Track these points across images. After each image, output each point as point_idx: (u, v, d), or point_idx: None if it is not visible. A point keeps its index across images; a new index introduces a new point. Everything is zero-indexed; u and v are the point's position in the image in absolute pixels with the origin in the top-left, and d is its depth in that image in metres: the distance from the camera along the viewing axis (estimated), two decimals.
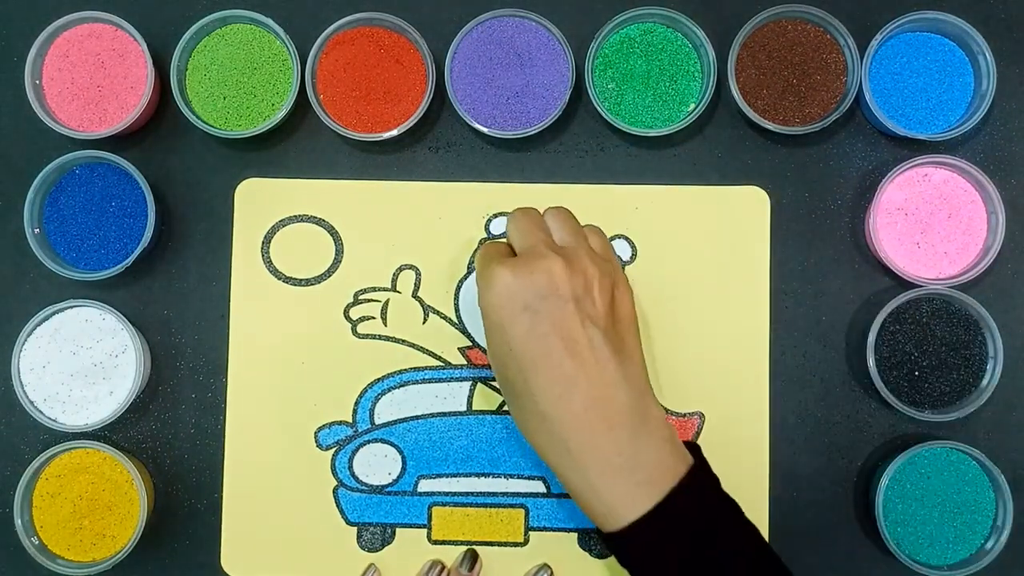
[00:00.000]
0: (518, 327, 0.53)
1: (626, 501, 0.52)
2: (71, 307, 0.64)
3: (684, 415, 0.65)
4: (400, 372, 0.65)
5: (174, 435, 0.65)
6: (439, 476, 0.65)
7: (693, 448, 0.56)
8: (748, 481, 0.64)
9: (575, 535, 0.64)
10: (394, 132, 0.64)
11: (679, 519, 0.52)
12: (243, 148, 0.66)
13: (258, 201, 0.66)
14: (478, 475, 0.64)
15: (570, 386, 0.53)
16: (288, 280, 0.66)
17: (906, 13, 0.63)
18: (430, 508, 0.65)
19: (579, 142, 0.66)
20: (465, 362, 0.65)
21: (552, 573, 0.63)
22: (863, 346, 0.63)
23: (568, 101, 0.64)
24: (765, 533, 0.64)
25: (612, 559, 0.63)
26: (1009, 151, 0.65)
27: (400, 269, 0.66)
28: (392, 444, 0.65)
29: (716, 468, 0.62)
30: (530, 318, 0.53)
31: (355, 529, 0.65)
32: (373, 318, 0.65)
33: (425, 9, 0.66)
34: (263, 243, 0.66)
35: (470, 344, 0.65)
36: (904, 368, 0.63)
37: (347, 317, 0.65)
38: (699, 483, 0.53)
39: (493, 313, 0.54)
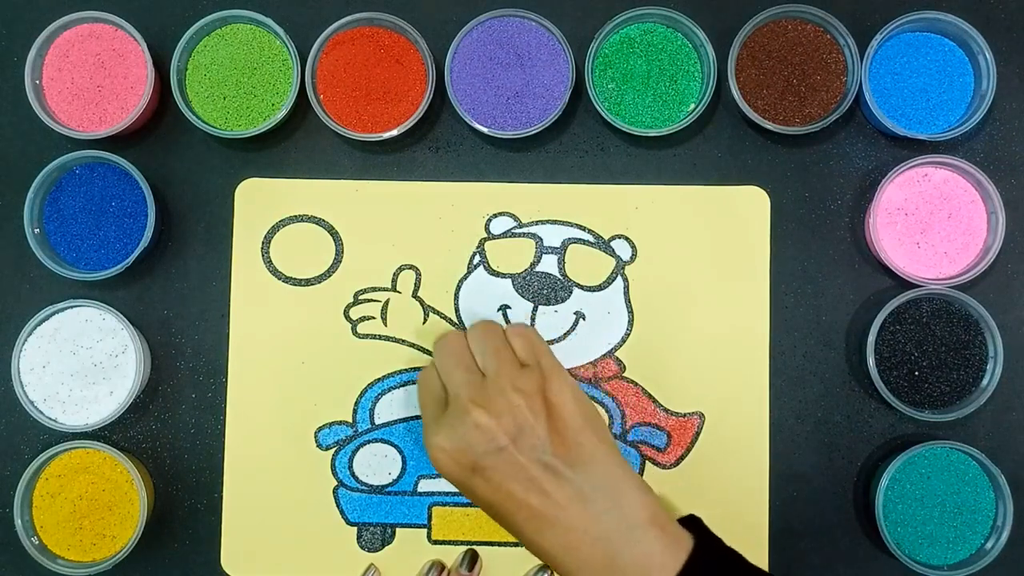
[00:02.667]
0: (476, 488, 0.55)
1: None
2: (71, 307, 0.64)
3: (684, 415, 0.65)
4: (400, 372, 0.65)
5: (174, 435, 0.65)
6: (439, 476, 0.64)
7: (692, 523, 0.55)
8: (748, 481, 0.64)
9: None
10: (394, 132, 0.64)
11: None
12: (243, 148, 0.66)
13: (258, 201, 0.66)
14: None
15: (544, 520, 0.54)
16: (288, 280, 0.66)
17: (906, 13, 0.63)
18: (430, 508, 0.65)
19: (579, 142, 0.66)
20: None
21: (552, 573, 0.63)
22: (863, 346, 0.63)
23: (568, 101, 0.64)
24: (765, 533, 0.64)
25: None
26: (1009, 151, 0.65)
27: (400, 269, 0.66)
28: (392, 444, 0.65)
29: (716, 468, 0.62)
30: (481, 476, 0.55)
31: (355, 529, 0.65)
32: (373, 318, 0.65)
33: (425, 9, 0.66)
34: (263, 243, 0.66)
35: None
36: (904, 368, 0.63)
37: (347, 317, 0.65)
38: (703, 566, 0.52)
39: (449, 478, 0.56)
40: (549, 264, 0.65)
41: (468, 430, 0.55)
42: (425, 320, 0.65)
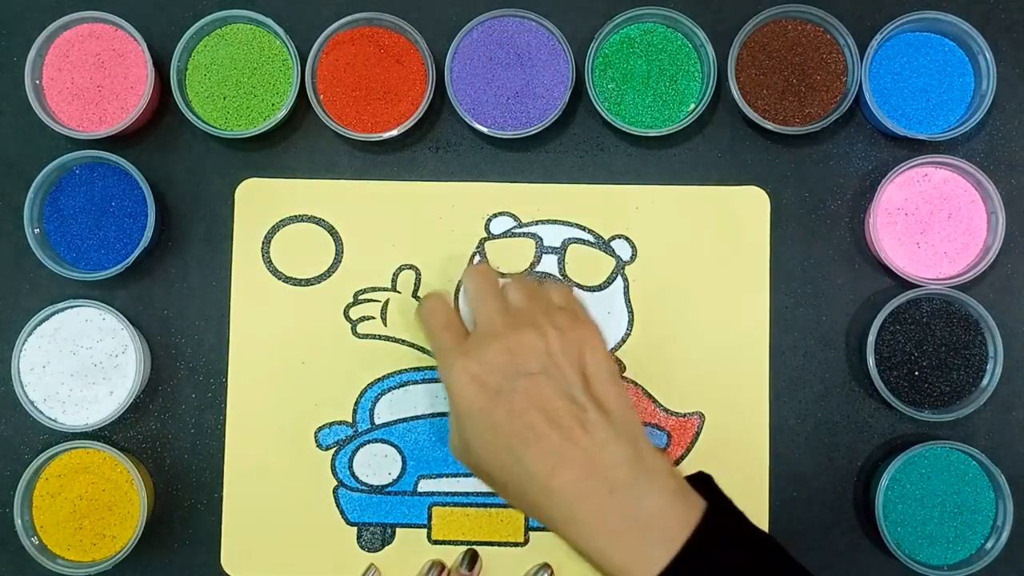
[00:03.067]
0: (498, 410, 0.53)
1: (641, 563, 0.49)
2: (71, 307, 0.64)
3: (684, 415, 0.65)
4: (400, 372, 0.65)
5: (174, 435, 0.65)
6: (439, 476, 0.65)
7: (706, 484, 0.54)
8: (748, 481, 0.64)
9: None
10: (394, 132, 0.64)
11: (699, 570, 0.50)
12: (243, 148, 0.66)
13: (258, 201, 0.66)
14: None
15: (563, 457, 0.51)
16: (288, 280, 0.66)
17: (906, 13, 0.64)
18: (430, 508, 0.65)
19: (579, 142, 0.66)
20: None
21: (552, 573, 0.63)
22: (863, 346, 0.63)
23: (568, 101, 0.64)
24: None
25: None
26: (1009, 151, 0.65)
27: (400, 269, 0.66)
28: (392, 444, 0.65)
29: (716, 468, 0.62)
30: (505, 401, 0.53)
31: (355, 529, 0.65)
32: (373, 318, 0.65)
33: (425, 9, 0.66)
34: (263, 243, 0.66)
35: None
36: (904, 368, 0.63)
37: (347, 317, 0.65)
38: (715, 527, 0.51)
39: (466, 405, 0.53)
40: (549, 264, 0.65)
41: (499, 353, 0.53)
42: None
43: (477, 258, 0.65)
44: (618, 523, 0.50)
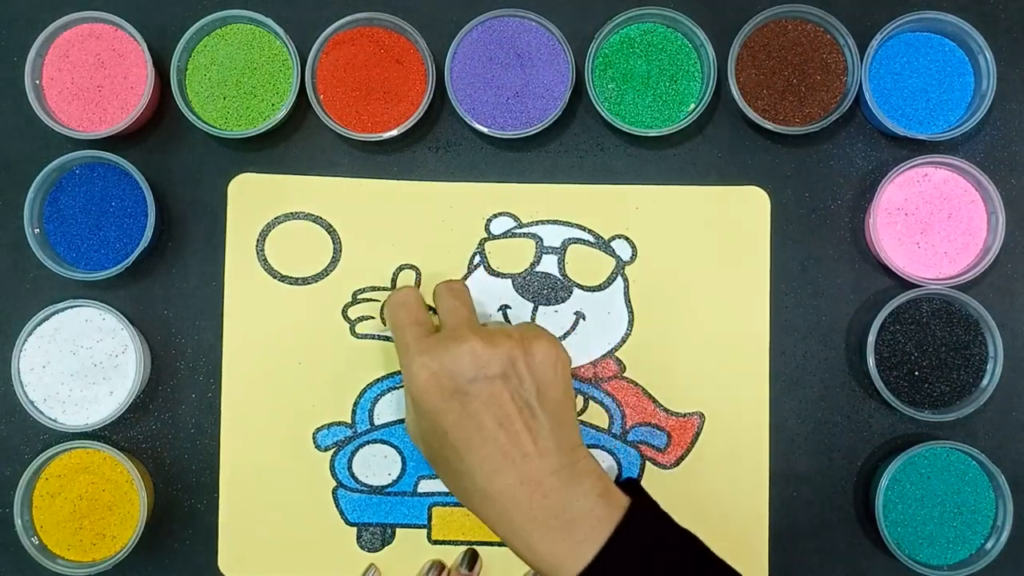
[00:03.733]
0: (451, 412, 0.55)
1: (568, 559, 0.53)
2: (71, 307, 0.64)
3: (684, 415, 0.65)
4: (399, 372, 0.65)
5: (174, 435, 0.65)
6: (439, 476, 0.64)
7: (632, 486, 0.57)
8: (748, 481, 0.64)
9: None
10: (394, 132, 0.64)
11: (620, 566, 0.53)
12: (243, 148, 0.66)
13: (252, 197, 0.66)
14: None
15: (504, 461, 0.54)
16: (284, 279, 0.66)
17: (906, 13, 0.63)
18: (430, 508, 0.65)
19: (579, 142, 0.66)
20: None
21: None
22: (863, 346, 0.63)
23: (568, 101, 0.64)
24: (765, 533, 0.64)
25: None
26: (1009, 151, 0.65)
27: (400, 269, 0.66)
28: (392, 444, 0.65)
29: (716, 468, 0.62)
30: (460, 401, 0.55)
31: (355, 529, 0.64)
32: (372, 318, 0.65)
33: (425, 9, 0.66)
34: (258, 240, 0.66)
35: None
36: (904, 368, 0.63)
37: (345, 317, 0.65)
38: (638, 524, 0.54)
39: (423, 400, 0.55)
40: (549, 264, 0.65)
41: (461, 354, 0.55)
42: None
43: (477, 259, 0.65)
44: (547, 522, 0.54)
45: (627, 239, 0.65)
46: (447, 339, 0.56)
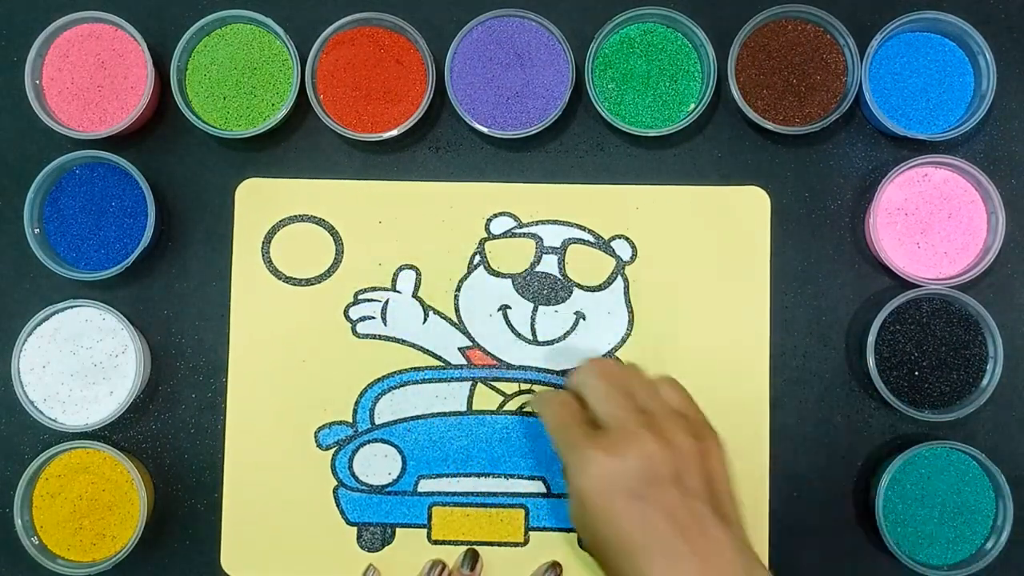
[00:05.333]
0: (625, 516, 0.52)
1: None
2: (71, 307, 0.64)
3: None
4: (400, 372, 0.65)
5: (174, 435, 0.65)
6: (439, 476, 0.65)
7: None
8: (748, 481, 0.64)
9: (575, 535, 0.64)
10: (394, 132, 0.64)
11: None
12: (243, 148, 0.66)
13: (258, 201, 0.66)
14: (478, 475, 0.64)
15: (683, 565, 0.51)
16: (288, 280, 0.66)
17: (906, 13, 0.64)
18: (430, 508, 0.65)
19: (579, 142, 0.66)
20: (465, 362, 0.65)
21: (561, 571, 0.63)
22: (863, 346, 0.63)
23: (568, 101, 0.64)
24: (765, 533, 0.64)
25: None
26: (1009, 151, 0.65)
27: (400, 269, 0.66)
28: (392, 444, 0.65)
29: None
30: (635, 504, 0.52)
31: (355, 529, 0.65)
32: (373, 318, 0.65)
33: (425, 9, 0.66)
34: (263, 243, 0.66)
35: (470, 344, 0.65)
36: (904, 368, 0.63)
37: (347, 317, 0.65)
38: None
39: (592, 499, 0.52)
40: (549, 264, 0.65)
41: (635, 454, 0.52)
42: (425, 320, 0.65)
43: (477, 259, 0.65)
44: None
45: (627, 239, 0.65)
46: (619, 438, 0.53)
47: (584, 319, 0.65)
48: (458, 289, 0.65)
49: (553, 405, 0.57)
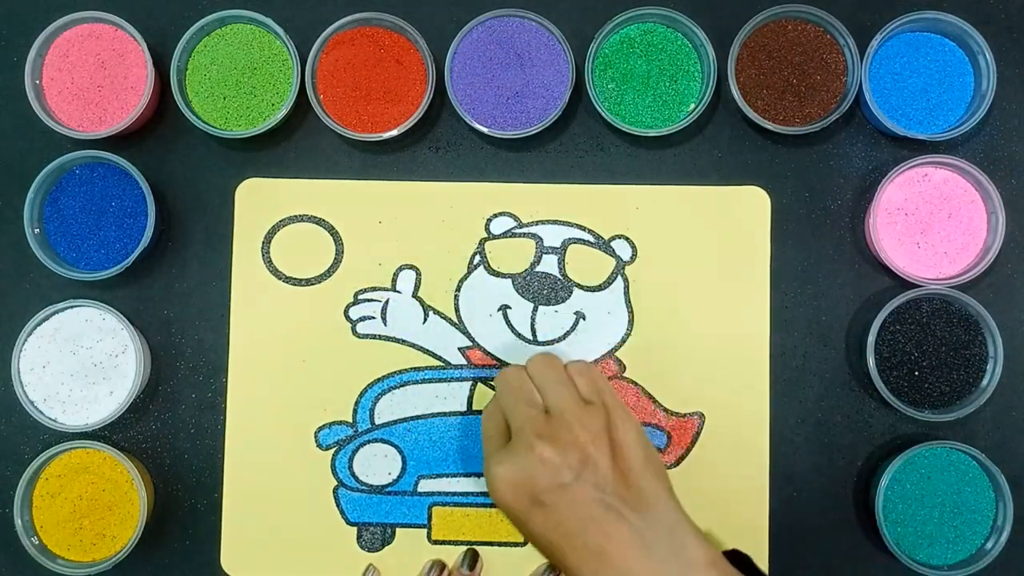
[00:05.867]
0: (533, 522, 0.53)
1: None
2: (71, 307, 0.64)
3: (684, 415, 0.65)
4: (400, 372, 0.65)
5: (174, 435, 0.65)
6: (439, 476, 0.65)
7: (745, 564, 0.54)
8: (748, 481, 0.64)
9: None
10: (394, 132, 0.64)
11: None
12: (243, 148, 0.66)
13: (258, 201, 0.66)
14: (478, 475, 0.64)
15: (601, 560, 0.51)
16: (288, 280, 0.66)
17: (906, 13, 0.64)
18: (430, 508, 0.65)
19: (579, 142, 0.66)
20: (465, 362, 0.65)
21: (559, 573, 0.63)
22: (863, 346, 0.63)
23: (568, 101, 0.64)
24: (765, 533, 0.64)
25: None
26: (1009, 151, 0.65)
27: (400, 269, 0.66)
28: (392, 444, 0.65)
29: (716, 468, 0.62)
30: (541, 511, 0.53)
31: (355, 529, 0.64)
32: (373, 318, 0.65)
33: (425, 9, 0.66)
34: (263, 243, 0.66)
35: (470, 344, 0.65)
36: (904, 368, 0.63)
37: (347, 317, 0.65)
38: None
39: (505, 510, 0.54)
40: (549, 264, 0.65)
41: (532, 463, 0.53)
42: (425, 320, 0.65)
43: (477, 259, 0.65)
44: None
45: (627, 239, 0.65)
46: (517, 447, 0.54)
47: (584, 319, 0.65)
48: (458, 289, 0.65)
49: (484, 416, 0.59)
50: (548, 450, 0.53)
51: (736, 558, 0.55)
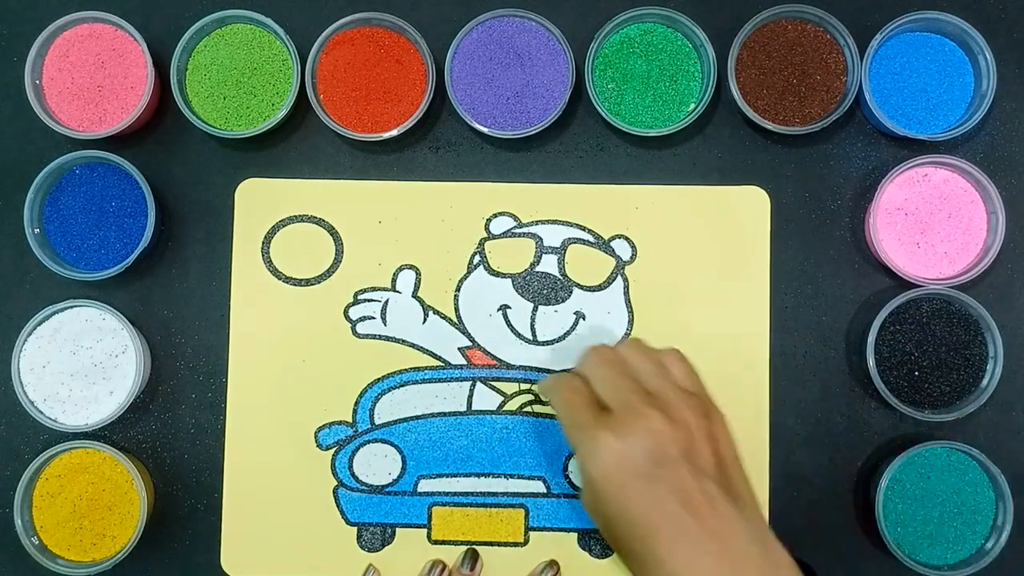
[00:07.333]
0: (636, 497, 0.52)
1: None
2: (71, 307, 0.64)
3: None
4: (400, 372, 0.65)
5: (174, 435, 0.65)
6: (439, 476, 0.65)
7: (810, 573, 0.54)
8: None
9: (575, 535, 0.64)
10: (394, 132, 0.64)
11: None
12: (243, 148, 0.66)
13: (258, 201, 0.66)
14: (478, 475, 0.64)
15: (698, 546, 0.50)
16: (288, 280, 0.66)
17: (906, 13, 0.64)
18: (430, 508, 0.65)
19: (579, 142, 0.66)
20: (465, 362, 0.65)
21: (559, 570, 0.63)
22: (863, 346, 0.63)
23: (568, 101, 0.64)
24: None
25: (612, 559, 0.63)
26: (1009, 151, 0.65)
27: (400, 269, 0.66)
28: (392, 444, 0.65)
29: None
30: (645, 485, 0.51)
31: (355, 529, 0.64)
32: (373, 318, 0.65)
33: (425, 9, 0.66)
34: (263, 243, 0.66)
35: (470, 344, 0.65)
36: (904, 368, 0.63)
37: (347, 317, 0.65)
38: None
39: (603, 482, 0.52)
40: (549, 264, 0.65)
41: (644, 435, 0.52)
42: (425, 320, 0.65)
43: (477, 259, 0.65)
44: None
45: (627, 239, 0.65)
46: (626, 417, 0.53)
47: (584, 319, 0.65)
48: (458, 289, 0.65)
49: (562, 390, 0.57)
50: (661, 422, 0.52)
51: (803, 568, 0.54)
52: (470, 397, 0.65)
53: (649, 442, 0.52)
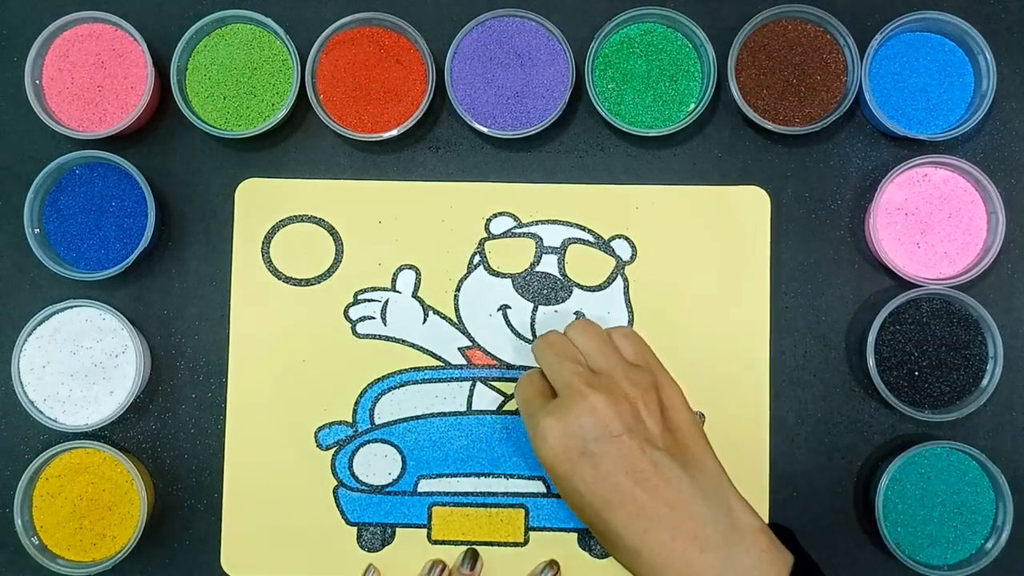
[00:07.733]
0: (581, 474, 0.53)
1: None
2: (71, 307, 0.64)
3: None
4: (400, 372, 0.65)
5: (174, 435, 0.65)
6: (439, 476, 0.65)
7: (787, 537, 0.54)
8: (748, 481, 0.64)
9: (575, 535, 0.64)
10: (394, 132, 0.64)
11: None
12: (243, 148, 0.66)
13: (258, 201, 0.66)
14: (478, 475, 0.65)
15: (651, 518, 0.51)
16: (288, 280, 0.66)
17: (906, 13, 0.64)
18: (430, 508, 0.65)
19: (579, 142, 0.66)
20: (465, 362, 0.65)
21: (559, 569, 0.63)
22: (863, 346, 0.63)
23: (568, 101, 0.64)
24: None
25: (612, 559, 0.63)
26: (1009, 151, 0.65)
27: (400, 269, 0.66)
28: (392, 444, 0.65)
29: None
30: (590, 462, 0.53)
31: (355, 529, 0.65)
32: (373, 318, 0.65)
33: (425, 9, 0.66)
34: (263, 243, 0.66)
35: (470, 344, 0.65)
36: (904, 368, 0.63)
37: (347, 317, 0.65)
38: None
39: (553, 466, 0.54)
40: (549, 264, 0.65)
41: (583, 413, 0.53)
42: (425, 320, 0.65)
43: (477, 259, 0.65)
44: None
45: (627, 239, 0.65)
46: (566, 399, 0.54)
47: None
48: (458, 289, 0.65)
49: (520, 385, 0.58)
50: (600, 400, 0.53)
51: (778, 532, 0.54)
52: (470, 397, 0.65)
53: (589, 420, 0.53)
